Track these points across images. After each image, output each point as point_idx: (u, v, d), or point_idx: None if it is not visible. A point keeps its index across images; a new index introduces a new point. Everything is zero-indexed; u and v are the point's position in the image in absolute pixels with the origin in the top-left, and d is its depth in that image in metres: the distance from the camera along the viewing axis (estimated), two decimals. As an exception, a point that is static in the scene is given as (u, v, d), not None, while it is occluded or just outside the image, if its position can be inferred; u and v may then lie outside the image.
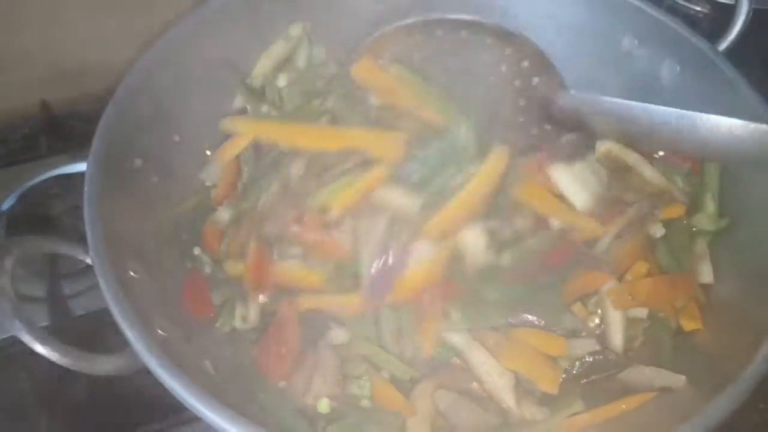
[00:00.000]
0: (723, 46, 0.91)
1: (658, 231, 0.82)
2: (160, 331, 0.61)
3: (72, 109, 1.22)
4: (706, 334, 0.77)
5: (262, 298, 0.73)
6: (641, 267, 0.78)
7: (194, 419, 0.80)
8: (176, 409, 0.78)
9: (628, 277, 0.78)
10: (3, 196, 1.06)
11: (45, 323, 0.89)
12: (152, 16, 1.18)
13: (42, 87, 1.20)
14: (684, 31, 0.90)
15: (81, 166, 1.11)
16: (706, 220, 0.82)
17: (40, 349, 0.56)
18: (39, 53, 1.18)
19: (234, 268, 0.80)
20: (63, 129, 1.20)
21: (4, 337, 0.87)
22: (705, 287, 0.81)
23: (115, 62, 1.21)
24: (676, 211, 0.84)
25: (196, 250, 0.83)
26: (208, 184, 0.90)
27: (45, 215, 1.07)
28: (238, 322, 0.75)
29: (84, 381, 0.84)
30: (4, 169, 1.11)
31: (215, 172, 0.89)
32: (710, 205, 0.82)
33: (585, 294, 0.77)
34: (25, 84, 1.19)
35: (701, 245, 0.82)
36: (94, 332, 0.94)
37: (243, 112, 0.95)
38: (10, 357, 0.88)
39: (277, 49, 0.97)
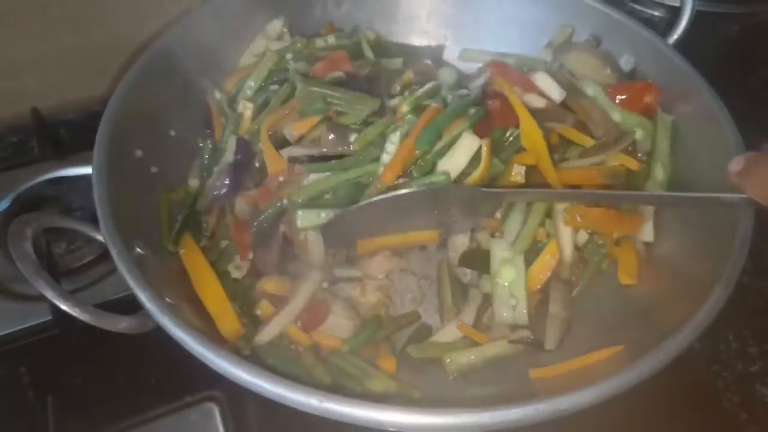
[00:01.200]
0: (672, 39, 0.99)
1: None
2: (167, 299, 0.65)
3: (61, 117, 1.26)
4: (641, 289, 0.83)
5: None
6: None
7: (193, 403, 0.86)
8: (172, 398, 0.85)
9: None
10: (-2, 199, 1.09)
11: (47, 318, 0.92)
12: (139, 25, 1.23)
13: (32, 95, 1.23)
14: (638, 28, 0.99)
15: (72, 171, 1.15)
16: (655, 185, 0.89)
17: (62, 304, 0.60)
18: (29, 63, 1.21)
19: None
20: (53, 135, 1.24)
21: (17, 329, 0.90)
22: (646, 245, 0.88)
23: (103, 71, 1.26)
24: (633, 164, 0.90)
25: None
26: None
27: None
28: (234, 273, 0.83)
29: (83, 376, 0.89)
30: (-2, 174, 1.14)
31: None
32: (660, 173, 0.89)
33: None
34: (16, 93, 1.22)
35: (648, 207, 0.88)
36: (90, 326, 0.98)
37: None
38: (11, 352, 0.92)
39: (259, 46, 1.03)
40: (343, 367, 0.74)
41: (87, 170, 1.12)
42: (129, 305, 0.68)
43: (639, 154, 0.91)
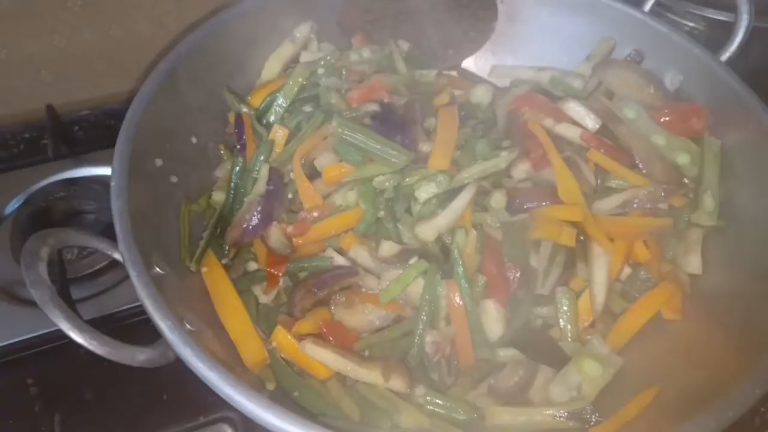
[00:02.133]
0: (725, 57, 0.94)
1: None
2: (188, 326, 0.61)
3: (76, 115, 1.23)
4: (685, 324, 0.79)
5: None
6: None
7: (207, 424, 0.82)
8: (185, 417, 0.82)
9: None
10: (9, 198, 1.06)
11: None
12: (159, 23, 1.20)
13: (47, 92, 1.20)
14: (687, 43, 0.94)
15: (86, 171, 1.12)
16: (705, 216, 0.84)
17: (77, 336, 0.55)
18: (44, 59, 1.17)
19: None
20: (68, 134, 1.21)
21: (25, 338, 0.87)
22: (691, 277, 0.83)
23: (120, 68, 1.23)
24: (678, 200, 0.86)
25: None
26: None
27: (51, 218, 1.07)
28: (261, 298, 0.80)
29: (93, 390, 0.86)
30: (10, 172, 1.11)
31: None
32: (709, 203, 0.84)
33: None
34: (30, 89, 1.19)
35: (696, 236, 0.84)
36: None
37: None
38: (18, 361, 0.89)
39: (286, 51, 0.99)
40: (371, 399, 0.70)
41: (101, 171, 1.11)
42: (143, 315, 0.63)
43: (685, 180, 0.86)
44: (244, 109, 0.91)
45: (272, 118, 0.90)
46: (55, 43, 1.17)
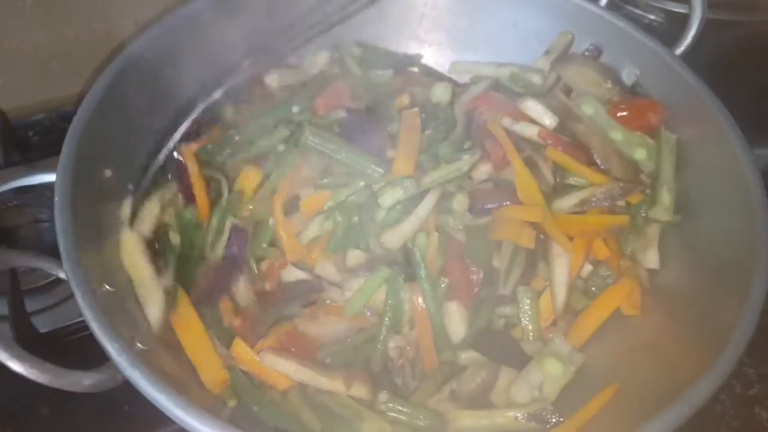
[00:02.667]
0: (679, 50, 0.94)
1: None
2: (139, 345, 0.60)
3: (29, 119, 1.19)
4: (645, 320, 0.79)
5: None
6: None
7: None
8: (141, 426, 0.80)
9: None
10: (-41, 209, 1.02)
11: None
12: (112, 23, 1.16)
13: (-1, 96, 1.16)
14: (643, 38, 0.94)
15: (40, 178, 1.07)
16: (661, 211, 0.84)
17: (16, 366, 0.53)
18: (-6, 62, 1.14)
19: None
20: (20, 139, 1.17)
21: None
22: (650, 273, 0.84)
23: (75, 71, 1.19)
24: (635, 197, 0.86)
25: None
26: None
27: (4, 228, 1.03)
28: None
29: (48, 404, 0.84)
30: (-41, 182, 1.07)
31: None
32: (665, 198, 0.84)
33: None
34: (-21, 93, 1.15)
35: (653, 231, 0.85)
36: (61, 348, 0.92)
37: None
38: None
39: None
40: (333, 409, 0.69)
41: (54, 177, 1.07)
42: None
43: (643, 176, 0.87)
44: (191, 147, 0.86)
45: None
46: (5, 44, 1.13)
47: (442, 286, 0.77)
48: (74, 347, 0.90)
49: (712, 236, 0.80)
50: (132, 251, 0.73)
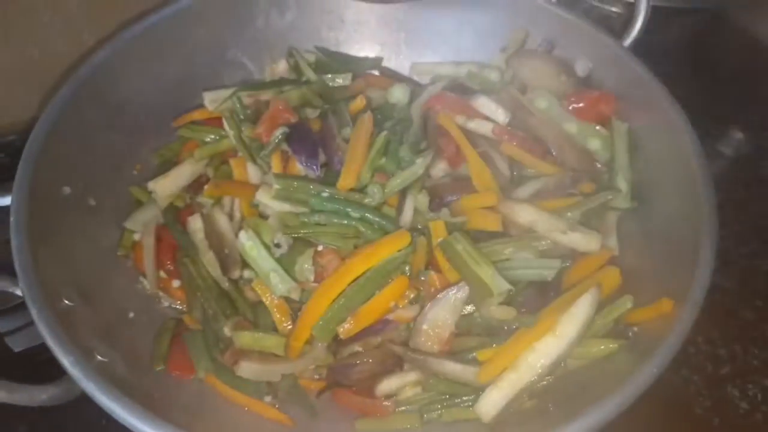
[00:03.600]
0: (627, 42, 0.96)
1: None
2: (99, 357, 0.61)
3: (1, 140, 1.19)
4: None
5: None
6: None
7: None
8: None
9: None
10: (-75, 233, 1.02)
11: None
12: (76, 41, 1.17)
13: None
14: (593, 30, 0.95)
15: (7, 200, 1.09)
16: (619, 198, 0.86)
17: (-31, 385, 0.54)
18: (-41, 84, 1.14)
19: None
20: (-15, 161, 1.17)
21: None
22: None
23: (42, 90, 1.20)
24: (587, 186, 0.88)
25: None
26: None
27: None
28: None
29: (25, 421, 0.83)
30: None
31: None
32: (622, 185, 0.86)
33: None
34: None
35: (612, 218, 0.86)
36: (36, 367, 0.92)
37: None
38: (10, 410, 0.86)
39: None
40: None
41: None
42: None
43: (598, 165, 0.89)
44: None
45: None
46: (-30, 68, 1.13)
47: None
48: (48, 365, 0.90)
49: (665, 221, 0.82)
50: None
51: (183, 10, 0.95)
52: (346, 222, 0.79)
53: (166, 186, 0.88)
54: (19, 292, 0.63)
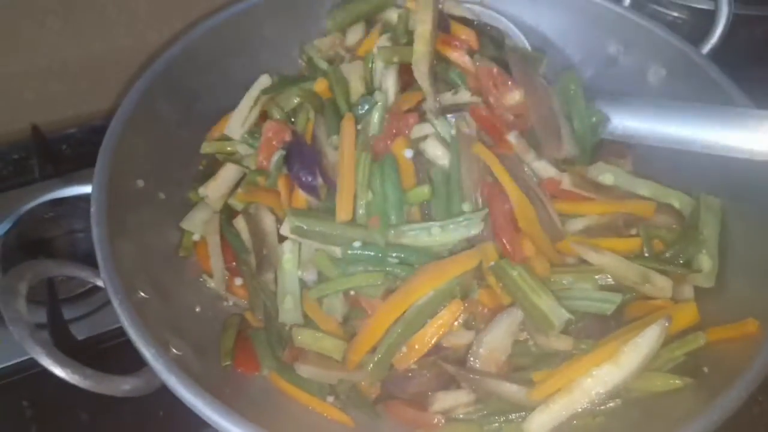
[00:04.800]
0: (706, 49, 0.93)
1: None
2: (174, 350, 0.61)
3: (62, 133, 1.22)
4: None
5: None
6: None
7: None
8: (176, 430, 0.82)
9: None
10: (-2, 221, 1.05)
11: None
12: (139, 37, 1.19)
13: (32, 111, 1.20)
14: (668, 36, 0.93)
15: (74, 190, 1.12)
16: (702, 278, 0.80)
17: (59, 371, 0.55)
18: (28, 77, 1.17)
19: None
20: (54, 153, 1.20)
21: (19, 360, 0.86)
22: None
23: (104, 85, 1.22)
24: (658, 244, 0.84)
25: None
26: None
27: (40, 239, 1.06)
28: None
29: (88, 410, 0.86)
30: (-2, 195, 1.11)
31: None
32: (706, 264, 0.80)
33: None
34: (15, 108, 1.18)
35: (688, 291, 0.80)
36: (98, 355, 0.94)
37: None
38: (12, 385, 0.88)
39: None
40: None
41: (88, 189, 1.09)
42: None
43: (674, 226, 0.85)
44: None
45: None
46: (37, 62, 1.16)
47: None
48: (110, 354, 0.92)
49: (748, 233, 0.79)
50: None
51: (252, 8, 0.95)
52: (381, 269, 0.76)
53: (216, 189, 0.88)
54: (99, 283, 0.64)
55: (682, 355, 0.71)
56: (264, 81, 0.94)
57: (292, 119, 0.93)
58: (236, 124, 0.91)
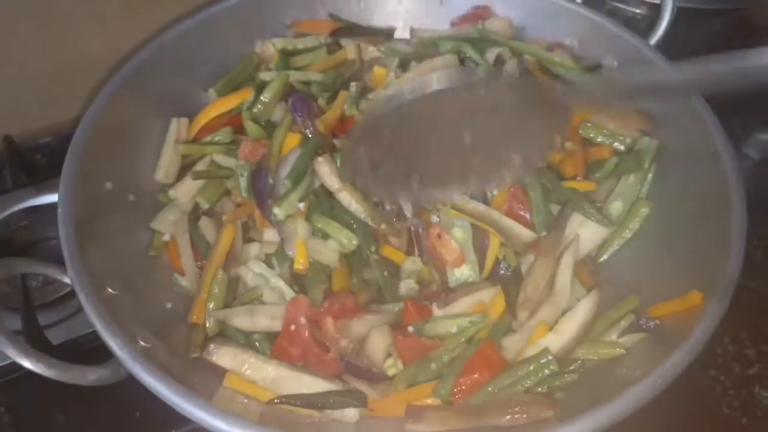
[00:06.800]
0: (653, 41, 0.97)
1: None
2: (142, 342, 0.63)
3: (35, 143, 1.23)
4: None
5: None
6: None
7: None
8: (152, 430, 0.82)
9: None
10: (-29, 230, 1.06)
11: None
12: (109, 43, 1.20)
13: (4, 121, 1.20)
14: (618, 30, 0.97)
15: (47, 198, 1.11)
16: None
17: (25, 362, 0.57)
18: (-1, 88, 1.18)
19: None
20: (28, 162, 1.20)
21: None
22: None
23: (77, 93, 1.23)
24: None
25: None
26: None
27: (14, 248, 1.07)
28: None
29: (63, 413, 0.86)
30: (-29, 205, 1.11)
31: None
32: (616, 209, 0.87)
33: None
34: (-14, 119, 1.19)
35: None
36: (72, 358, 0.95)
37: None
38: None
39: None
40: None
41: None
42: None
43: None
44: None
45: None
46: (8, 71, 1.17)
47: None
48: (85, 357, 0.92)
49: (693, 213, 0.82)
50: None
51: (219, 13, 0.98)
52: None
53: (186, 191, 0.90)
54: (66, 280, 0.65)
55: (621, 318, 0.76)
56: (176, 127, 0.95)
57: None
58: (160, 175, 0.92)
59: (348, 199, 0.80)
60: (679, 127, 0.87)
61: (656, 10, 1.03)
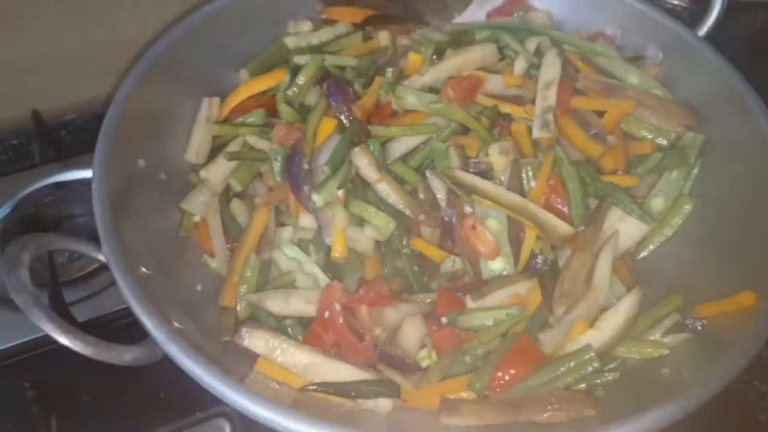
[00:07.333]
0: (702, 31, 0.94)
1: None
2: (176, 324, 0.62)
3: (62, 119, 1.23)
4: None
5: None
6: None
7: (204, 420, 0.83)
8: (182, 413, 0.83)
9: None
10: (-2, 206, 1.06)
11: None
12: (140, 23, 1.19)
13: (32, 97, 1.20)
14: (664, 19, 0.94)
15: (74, 174, 1.12)
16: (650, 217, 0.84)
17: (62, 338, 0.56)
18: (29, 63, 1.17)
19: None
20: (54, 139, 1.20)
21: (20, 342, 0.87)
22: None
23: (105, 71, 1.23)
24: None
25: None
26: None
27: (40, 223, 1.07)
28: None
29: (89, 392, 0.86)
30: (-2, 179, 1.11)
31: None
32: (658, 205, 0.86)
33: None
34: (15, 95, 1.19)
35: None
36: (99, 336, 0.95)
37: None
38: (14, 366, 0.89)
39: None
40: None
41: (88, 173, 1.10)
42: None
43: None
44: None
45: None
46: (38, 47, 1.16)
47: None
48: (111, 335, 0.92)
49: (743, 212, 0.80)
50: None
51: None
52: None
53: (217, 172, 0.88)
54: (100, 257, 0.64)
55: (665, 317, 0.74)
56: (207, 106, 0.93)
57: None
58: (191, 155, 0.90)
59: (386, 190, 0.79)
60: (727, 120, 0.85)
61: (699, 3, 1.00)
